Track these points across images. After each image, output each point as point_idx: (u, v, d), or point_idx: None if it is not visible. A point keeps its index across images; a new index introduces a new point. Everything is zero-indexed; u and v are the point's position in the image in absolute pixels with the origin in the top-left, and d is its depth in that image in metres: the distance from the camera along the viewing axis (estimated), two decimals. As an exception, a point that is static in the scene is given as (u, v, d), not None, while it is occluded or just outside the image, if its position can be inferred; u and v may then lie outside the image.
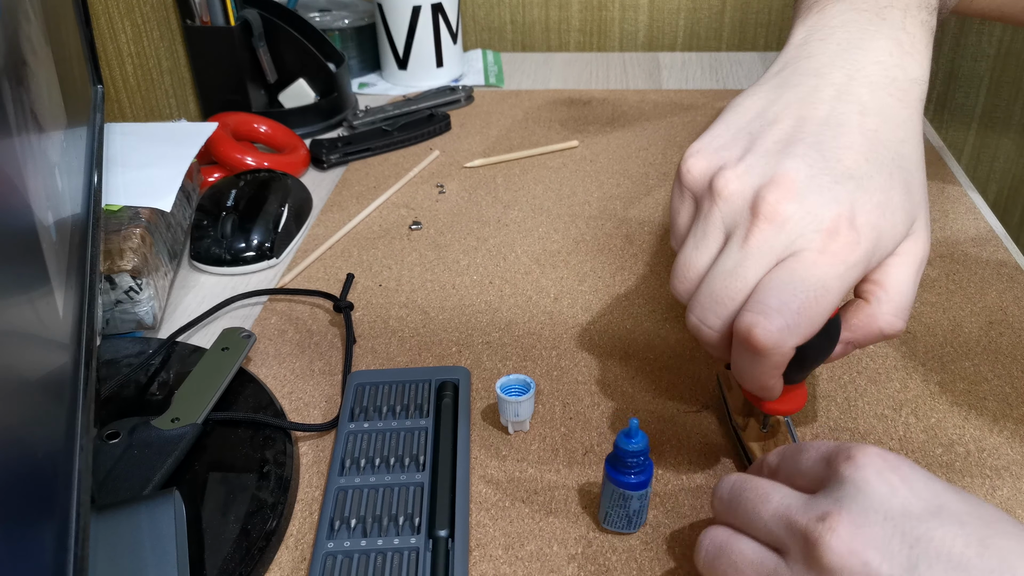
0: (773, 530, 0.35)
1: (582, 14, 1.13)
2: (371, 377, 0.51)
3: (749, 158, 0.38)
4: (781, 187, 0.36)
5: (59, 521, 0.28)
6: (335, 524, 0.42)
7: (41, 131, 0.38)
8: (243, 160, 0.76)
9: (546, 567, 0.41)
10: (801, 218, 0.36)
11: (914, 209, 0.38)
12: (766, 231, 0.36)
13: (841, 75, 0.40)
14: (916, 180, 0.39)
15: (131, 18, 0.80)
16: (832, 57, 0.41)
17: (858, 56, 0.41)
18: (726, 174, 0.38)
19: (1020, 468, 0.45)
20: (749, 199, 0.37)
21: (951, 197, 0.71)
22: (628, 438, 0.39)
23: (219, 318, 0.59)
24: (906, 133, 0.39)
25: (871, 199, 0.37)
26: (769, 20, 1.12)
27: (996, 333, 0.55)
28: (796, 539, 0.33)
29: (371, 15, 1.02)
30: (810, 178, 0.36)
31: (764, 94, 0.41)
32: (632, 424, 0.39)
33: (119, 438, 0.45)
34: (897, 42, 0.41)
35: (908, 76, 0.40)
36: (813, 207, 0.36)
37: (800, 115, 0.39)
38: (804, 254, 0.36)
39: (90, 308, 0.41)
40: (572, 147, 0.83)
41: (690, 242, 0.39)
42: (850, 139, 0.38)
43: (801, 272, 0.36)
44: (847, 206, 0.36)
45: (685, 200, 0.40)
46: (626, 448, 0.39)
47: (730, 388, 0.49)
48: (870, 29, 0.41)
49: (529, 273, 0.63)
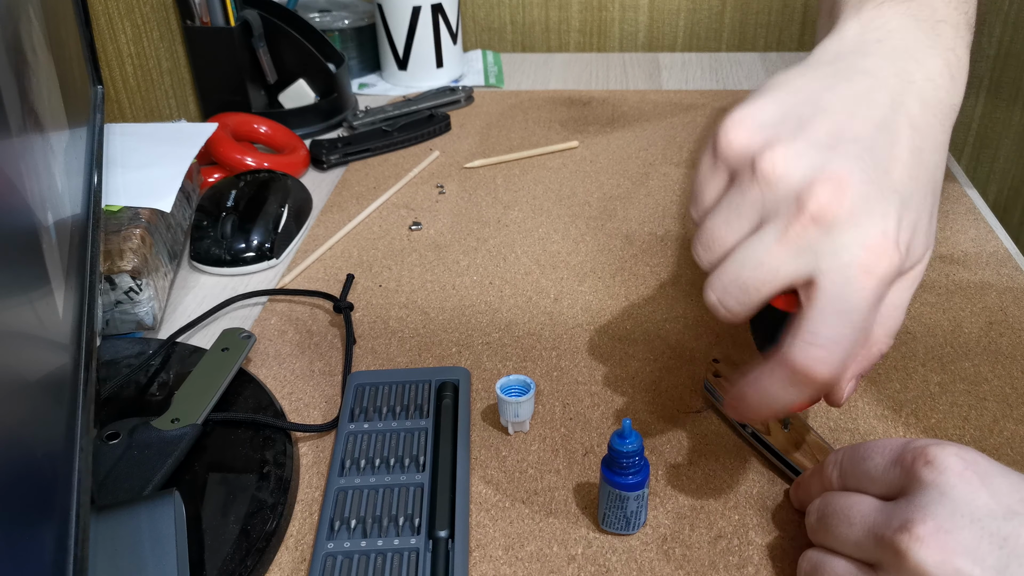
0: (862, 546, 0.35)
1: (582, 14, 1.13)
2: (371, 378, 0.51)
3: (799, 144, 0.35)
4: (833, 187, 0.34)
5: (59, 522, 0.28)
6: (335, 525, 0.42)
7: (41, 132, 0.38)
8: (243, 161, 0.76)
9: (546, 568, 0.41)
10: (850, 228, 0.34)
11: (933, 235, 0.38)
12: (810, 231, 0.34)
13: (896, 83, 0.38)
14: (937, 207, 0.38)
15: (131, 18, 0.80)
16: (888, 61, 0.39)
17: (912, 68, 0.39)
18: (773, 155, 0.35)
19: (1020, 469, 0.45)
20: (795, 189, 0.35)
21: (951, 197, 0.71)
22: (621, 439, 0.39)
23: (219, 319, 0.59)
24: (941, 158, 0.38)
25: (910, 219, 0.35)
26: (769, 21, 1.12)
27: (996, 333, 0.55)
28: (886, 552, 0.33)
29: (371, 15, 1.02)
30: (863, 184, 0.34)
31: (818, 79, 0.38)
32: (625, 425, 0.39)
33: (119, 439, 0.45)
34: (947, 63, 0.39)
35: (951, 102, 0.39)
36: (862, 218, 0.34)
37: (854, 112, 0.37)
38: (850, 272, 0.34)
39: (90, 309, 0.41)
40: (572, 147, 0.83)
41: (720, 215, 0.37)
42: (901, 152, 0.36)
43: (850, 296, 0.34)
44: (892, 223, 0.34)
45: (718, 171, 0.38)
46: (620, 449, 0.39)
47: (725, 392, 0.48)
48: (926, 42, 0.40)
49: (529, 274, 0.63)
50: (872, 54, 0.39)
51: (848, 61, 0.39)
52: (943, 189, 0.71)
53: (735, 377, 0.48)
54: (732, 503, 0.44)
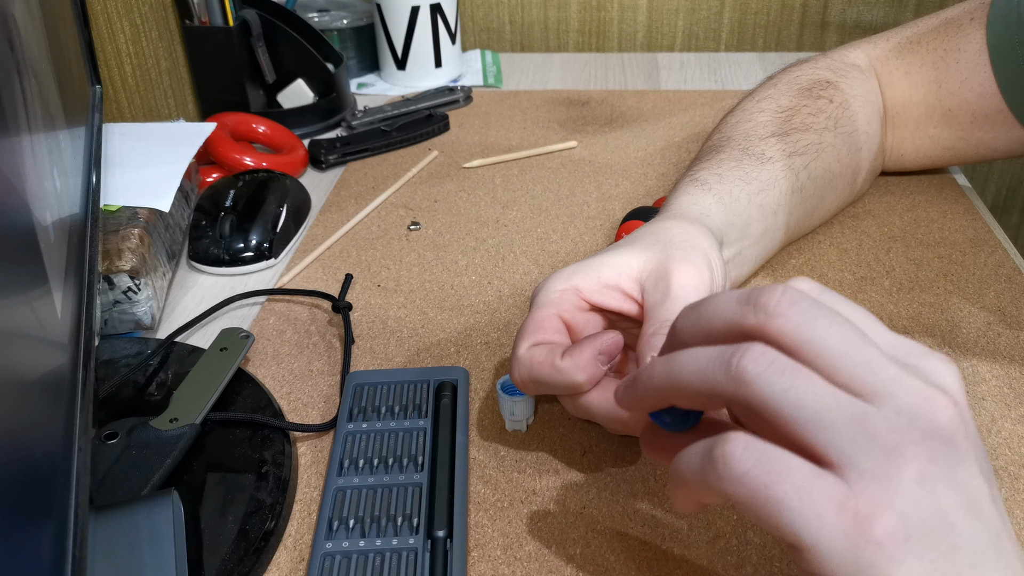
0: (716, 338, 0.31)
1: (581, 14, 1.13)
2: (370, 377, 0.51)
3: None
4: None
5: (57, 522, 0.28)
6: (333, 524, 0.41)
7: (40, 131, 0.38)
8: (242, 160, 0.76)
9: (544, 567, 0.41)
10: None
11: None
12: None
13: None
14: None
15: (130, 18, 0.80)
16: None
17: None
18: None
19: (1018, 469, 0.46)
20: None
21: (949, 197, 0.71)
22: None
23: (217, 318, 0.59)
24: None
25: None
26: (767, 21, 1.12)
27: (994, 334, 0.55)
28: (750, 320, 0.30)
29: (370, 15, 1.02)
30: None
31: None
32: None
33: (117, 438, 0.45)
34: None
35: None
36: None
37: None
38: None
39: (88, 308, 0.41)
40: (571, 147, 0.83)
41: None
42: None
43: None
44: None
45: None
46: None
47: None
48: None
49: (528, 273, 0.63)
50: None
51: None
52: (943, 188, 0.72)
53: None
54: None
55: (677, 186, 0.56)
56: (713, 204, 0.52)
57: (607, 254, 0.46)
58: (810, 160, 0.59)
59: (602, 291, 0.45)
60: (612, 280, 0.45)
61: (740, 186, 0.54)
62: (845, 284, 0.60)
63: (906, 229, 0.67)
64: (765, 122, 0.60)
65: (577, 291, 0.45)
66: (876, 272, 0.62)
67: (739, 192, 0.54)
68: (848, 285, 0.60)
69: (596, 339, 0.41)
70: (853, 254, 0.64)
